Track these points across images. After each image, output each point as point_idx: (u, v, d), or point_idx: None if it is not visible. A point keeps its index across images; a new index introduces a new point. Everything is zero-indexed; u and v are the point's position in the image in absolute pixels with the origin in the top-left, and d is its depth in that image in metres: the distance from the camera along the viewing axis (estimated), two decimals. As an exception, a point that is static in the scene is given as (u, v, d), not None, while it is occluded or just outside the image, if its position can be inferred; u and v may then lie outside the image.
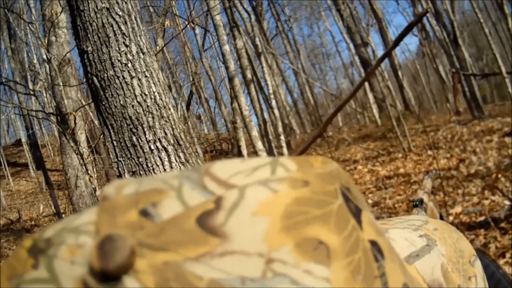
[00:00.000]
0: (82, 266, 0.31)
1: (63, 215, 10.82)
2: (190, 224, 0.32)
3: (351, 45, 19.80)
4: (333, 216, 0.36)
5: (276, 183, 0.35)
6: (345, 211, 0.37)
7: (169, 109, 2.67)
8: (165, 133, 2.59)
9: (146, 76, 2.68)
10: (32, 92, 6.92)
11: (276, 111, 12.29)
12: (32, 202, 15.88)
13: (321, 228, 0.35)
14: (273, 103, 12.68)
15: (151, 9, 13.32)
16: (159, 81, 2.73)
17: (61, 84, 6.42)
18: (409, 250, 0.57)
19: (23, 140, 20.29)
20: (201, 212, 0.32)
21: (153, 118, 2.58)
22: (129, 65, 2.68)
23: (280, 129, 11.88)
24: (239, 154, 11.28)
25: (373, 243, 0.38)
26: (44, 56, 12.54)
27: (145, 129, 2.56)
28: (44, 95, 11.18)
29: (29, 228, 12.40)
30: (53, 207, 11.59)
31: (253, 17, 15.45)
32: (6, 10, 9.07)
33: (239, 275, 0.31)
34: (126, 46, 2.70)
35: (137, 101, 2.59)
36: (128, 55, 2.70)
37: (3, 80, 7.77)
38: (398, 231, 0.61)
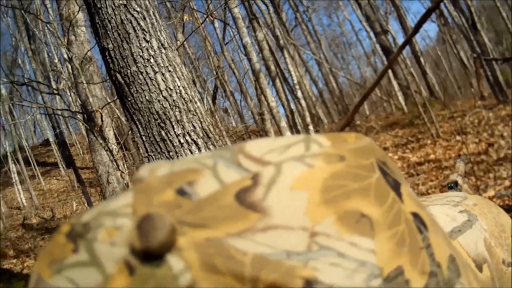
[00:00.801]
0: (123, 247, 0.32)
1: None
2: (228, 200, 0.32)
3: (371, 34, 19.60)
4: (372, 189, 0.36)
5: (311, 158, 0.35)
6: (384, 184, 0.37)
7: (195, 102, 2.67)
8: (194, 127, 2.59)
9: (169, 71, 2.69)
10: (56, 91, 6.99)
11: (302, 101, 12.30)
12: (65, 200, 16.00)
13: (361, 201, 0.35)
14: (299, 93, 12.68)
15: (168, 5, 13.35)
16: (183, 75, 2.74)
17: (84, 82, 6.49)
18: (451, 225, 0.56)
19: (51, 139, 20.42)
20: (239, 188, 0.32)
21: (180, 112, 2.59)
22: (152, 60, 2.68)
23: (308, 119, 11.88)
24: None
25: (415, 215, 0.38)
26: (65, 56, 12.68)
27: (173, 123, 2.57)
28: (68, 94, 11.31)
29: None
30: (86, 204, 11.76)
31: (271, 8, 15.40)
32: (22, 11, 9.17)
33: (284, 249, 0.31)
34: (147, 41, 2.71)
35: (163, 96, 2.60)
36: (150, 51, 2.70)
37: (26, 81, 7.86)
38: (438, 208, 0.60)
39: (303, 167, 0.35)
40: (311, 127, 11.45)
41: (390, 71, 16.47)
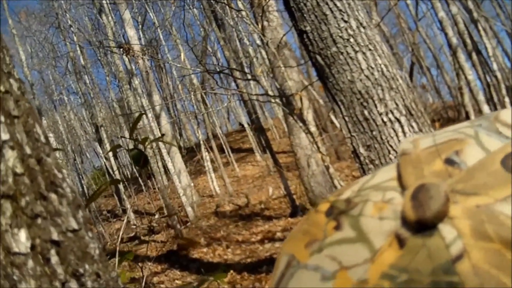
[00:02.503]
0: (393, 220, 0.32)
1: (293, 196, 11.14)
2: (495, 167, 0.32)
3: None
4: None
5: None
6: None
7: (397, 80, 2.61)
8: (396, 104, 2.54)
9: (370, 50, 2.66)
10: (253, 77, 7.30)
11: (498, 74, 11.69)
12: (260, 186, 16.04)
13: None
14: (494, 65, 12.02)
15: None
16: (383, 53, 2.69)
17: (282, 66, 6.67)
18: None
19: (246, 125, 20.97)
20: (504, 155, 0.33)
21: (382, 90, 2.55)
22: (351, 40, 2.67)
23: (504, 91, 11.22)
24: (467, 120, 10.89)
25: None
26: (258, 42, 13.13)
27: (376, 102, 2.54)
28: (264, 79, 11.69)
29: (259, 212, 12.63)
30: (283, 188, 11.93)
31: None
32: (213, 0, 9.65)
33: None
34: (345, 21, 2.70)
35: (365, 75, 2.58)
36: (349, 30, 2.69)
37: (220, 69, 8.28)
38: None
39: None
40: (507, 99, 10.79)
41: None
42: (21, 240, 0.56)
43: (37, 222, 0.58)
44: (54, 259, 0.57)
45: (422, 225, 0.31)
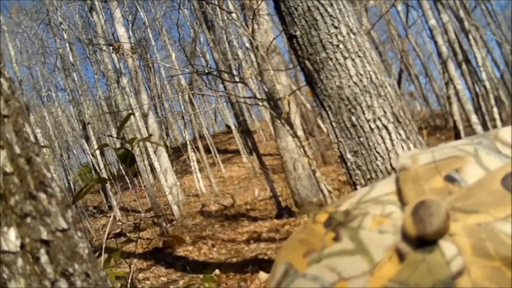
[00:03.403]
0: (392, 234, 0.33)
1: (279, 198, 11.15)
2: (496, 186, 0.33)
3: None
4: None
5: None
6: None
7: (386, 87, 2.63)
8: (384, 112, 2.56)
9: (359, 56, 2.67)
10: (242, 80, 7.30)
11: (486, 83, 11.75)
12: (246, 187, 16.00)
13: None
14: (483, 75, 12.10)
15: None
16: (372, 60, 2.71)
17: (271, 69, 6.67)
18: None
19: (233, 127, 20.85)
20: (504, 174, 0.33)
21: (370, 97, 2.56)
22: (341, 46, 2.68)
23: (492, 101, 11.32)
24: (455, 129, 10.94)
25: None
26: (247, 45, 13.11)
27: (364, 109, 2.56)
28: (252, 82, 11.67)
29: (244, 212, 12.65)
30: (268, 190, 11.91)
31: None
32: (204, 1, 9.59)
33: None
34: (336, 27, 2.71)
35: (353, 81, 2.59)
36: (339, 36, 2.70)
37: (208, 71, 8.24)
38: None
39: None
40: (495, 109, 10.86)
41: None
42: (11, 239, 0.56)
43: (26, 221, 0.58)
44: (44, 258, 0.58)
45: (422, 240, 0.31)
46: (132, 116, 13.62)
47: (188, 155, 16.72)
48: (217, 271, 7.36)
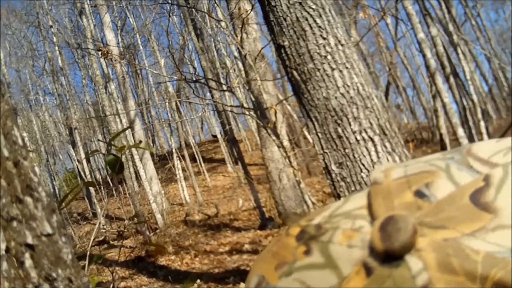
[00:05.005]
0: (361, 249, 0.33)
1: (263, 209, 11.12)
2: (464, 201, 0.33)
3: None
4: None
5: None
6: None
7: (373, 99, 2.65)
8: (371, 124, 2.57)
9: (347, 68, 2.69)
10: (229, 88, 7.30)
11: (474, 97, 11.88)
12: (230, 196, 15.93)
13: None
14: (471, 89, 12.23)
15: (340, 2, 13.43)
16: (360, 72, 2.72)
17: (259, 79, 6.69)
18: None
19: (219, 136, 20.71)
20: (473, 190, 0.34)
21: (357, 109, 2.58)
22: (329, 57, 2.70)
23: (479, 115, 11.42)
24: (441, 142, 11.03)
25: None
26: (235, 53, 13.11)
27: (350, 120, 2.57)
28: (239, 91, 11.64)
29: (228, 222, 12.56)
30: (253, 201, 11.85)
31: (443, 4, 14.97)
32: (194, 9, 9.61)
33: (509, 247, 0.31)
34: (324, 38, 2.73)
35: (340, 93, 2.61)
36: (327, 47, 2.72)
37: (196, 79, 8.24)
38: None
39: None
40: (482, 123, 10.97)
41: None
42: (-4, 242, 0.56)
43: (12, 225, 0.58)
44: (28, 262, 0.58)
45: (389, 255, 0.32)
46: (119, 123, 13.57)
47: (174, 163, 16.62)
48: (198, 281, 7.34)
